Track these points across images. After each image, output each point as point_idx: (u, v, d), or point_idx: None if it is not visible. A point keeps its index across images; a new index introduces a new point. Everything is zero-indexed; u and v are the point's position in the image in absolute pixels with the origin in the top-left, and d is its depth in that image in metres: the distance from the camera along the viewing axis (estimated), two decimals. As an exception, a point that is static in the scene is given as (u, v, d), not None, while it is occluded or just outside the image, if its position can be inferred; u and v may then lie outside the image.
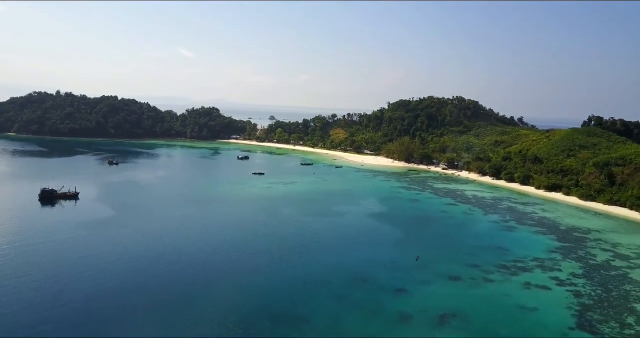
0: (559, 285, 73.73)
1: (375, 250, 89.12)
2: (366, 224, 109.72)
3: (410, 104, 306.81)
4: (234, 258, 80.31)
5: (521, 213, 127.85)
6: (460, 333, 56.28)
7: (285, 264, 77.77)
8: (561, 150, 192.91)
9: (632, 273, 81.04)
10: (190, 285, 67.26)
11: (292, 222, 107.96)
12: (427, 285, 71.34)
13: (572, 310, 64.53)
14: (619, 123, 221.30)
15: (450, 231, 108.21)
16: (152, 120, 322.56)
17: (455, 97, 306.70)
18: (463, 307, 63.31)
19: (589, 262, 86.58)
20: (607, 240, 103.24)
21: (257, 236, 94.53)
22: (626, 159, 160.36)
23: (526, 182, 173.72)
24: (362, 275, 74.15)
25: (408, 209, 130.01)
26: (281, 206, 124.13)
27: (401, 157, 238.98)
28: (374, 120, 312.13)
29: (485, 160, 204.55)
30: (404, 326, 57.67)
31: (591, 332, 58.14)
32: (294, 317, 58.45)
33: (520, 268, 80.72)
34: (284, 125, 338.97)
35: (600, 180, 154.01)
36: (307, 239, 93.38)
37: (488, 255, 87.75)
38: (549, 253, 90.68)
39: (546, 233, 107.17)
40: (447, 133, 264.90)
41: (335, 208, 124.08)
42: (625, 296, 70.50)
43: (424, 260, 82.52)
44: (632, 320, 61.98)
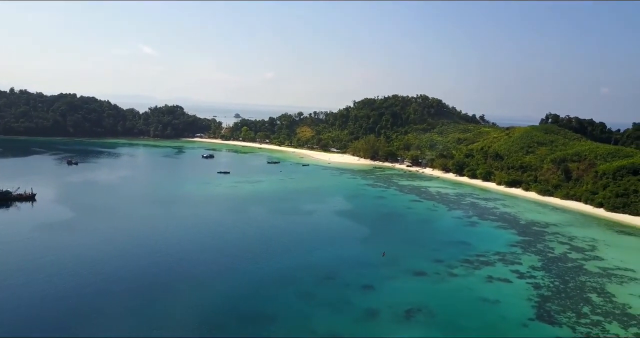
0: (520, 278, 76.13)
1: (342, 247, 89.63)
2: (333, 222, 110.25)
3: (375, 103, 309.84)
4: (199, 258, 79.05)
5: (483, 209, 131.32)
6: (426, 327, 57.33)
7: (251, 264, 77.18)
8: (521, 147, 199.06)
9: (587, 265, 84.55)
10: (152, 287, 65.73)
11: (258, 221, 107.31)
12: (393, 281, 72.28)
13: (532, 301, 66.75)
14: (574, 121, 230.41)
15: (415, 227, 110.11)
16: (113, 119, 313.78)
17: (419, 96, 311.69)
18: (428, 302, 64.49)
19: (547, 255, 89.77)
20: (564, 233, 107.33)
21: (223, 236, 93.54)
22: (581, 155, 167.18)
23: (488, 179, 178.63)
24: (329, 273, 74.43)
25: (374, 206, 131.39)
26: (247, 205, 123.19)
27: (367, 155, 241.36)
28: (340, 118, 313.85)
29: (448, 157, 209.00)
30: (371, 322, 58.26)
31: (550, 322, 60.31)
32: (261, 317, 58.08)
33: (482, 263, 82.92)
34: (250, 123, 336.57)
35: (557, 175, 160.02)
36: (274, 238, 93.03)
37: (452, 250, 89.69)
38: (510, 247, 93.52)
39: (507, 228, 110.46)
40: (412, 131, 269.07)
41: (302, 206, 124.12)
42: (581, 287, 73.47)
43: (390, 257, 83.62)
44: (587, 309, 64.66)
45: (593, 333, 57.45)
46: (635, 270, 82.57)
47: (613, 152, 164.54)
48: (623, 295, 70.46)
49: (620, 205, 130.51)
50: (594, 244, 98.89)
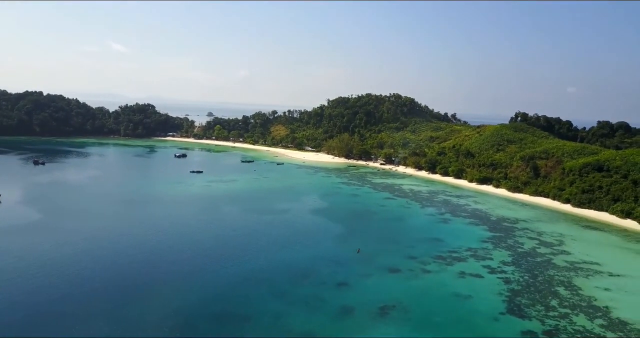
0: (491, 273, 77.76)
1: (317, 245, 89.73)
2: (308, 220, 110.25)
3: (349, 101, 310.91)
4: (172, 259, 77.88)
5: (455, 206, 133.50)
6: (400, 324, 57.97)
7: (225, 263, 76.53)
8: (491, 145, 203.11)
9: (555, 259, 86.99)
10: (122, 289, 64.43)
11: (232, 220, 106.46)
12: (367, 278, 72.81)
13: (502, 296, 68.29)
14: (542, 119, 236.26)
15: (389, 224, 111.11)
16: (82, 118, 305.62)
17: (392, 95, 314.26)
18: (402, 298, 65.22)
19: (517, 250, 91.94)
20: (533, 229, 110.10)
21: (196, 236, 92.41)
22: (549, 152, 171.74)
23: (460, 176, 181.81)
24: (304, 271, 74.47)
25: (348, 204, 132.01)
26: (221, 205, 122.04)
27: (341, 153, 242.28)
28: (314, 117, 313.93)
29: (421, 155, 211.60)
30: (346, 319, 58.54)
31: (520, 315, 61.83)
32: (235, 317, 57.68)
33: (455, 259, 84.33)
34: (223, 122, 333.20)
35: (526, 172, 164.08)
36: (248, 237, 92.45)
37: (425, 247, 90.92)
38: (482, 243, 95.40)
39: (479, 224, 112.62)
40: (385, 129, 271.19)
41: (277, 205, 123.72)
42: (550, 281, 75.55)
43: (364, 254, 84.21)
44: (555, 302, 66.56)
45: (561, 325, 59.16)
46: (600, 263, 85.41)
47: (579, 150, 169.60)
48: (589, 288, 72.79)
49: (585, 200, 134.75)
50: (561, 239, 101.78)
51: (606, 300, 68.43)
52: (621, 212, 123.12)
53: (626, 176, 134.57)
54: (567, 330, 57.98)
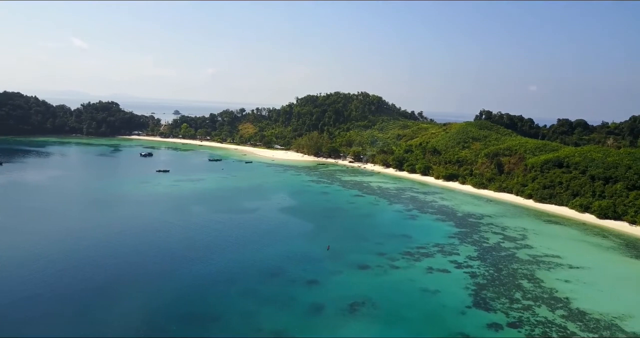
0: (457, 268, 79.42)
1: (286, 243, 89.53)
2: (278, 219, 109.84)
3: (318, 100, 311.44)
4: (137, 261, 76.22)
5: (423, 202, 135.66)
6: (370, 319, 58.51)
7: (193, 264, 75.44)
8: (457, 142, 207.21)
9: (518, 253, 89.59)
10: (86, 292, 62.52)
11: (200, 220, 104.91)
12: (337, 275, 73.17)
13: (469, 290, 69.86)
14: (506, 117, 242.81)
15: (358, 221, 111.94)
16: (41, 116, 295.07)
17: (360, 93, 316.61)
18: (372, 294, 65.85)
19: (482, 245, 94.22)
20: (498, 224, 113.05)
21: (164, 236, 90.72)
22: (512, 149, 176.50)
23: (426, 173, 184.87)
24: (273, 270, 74.21)
25: (318, 202, 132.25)
26: (189, 204, 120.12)
27: (310, 151, 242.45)
28: (283, 115, 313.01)
29: (389, 153, 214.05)
30: (316, 317, 58.69)
31: (485, 308, 63.43)
32: (204, 317, 56.97)
33: (423, 254, 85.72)
34: (190, 120, 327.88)
35: (490, 169, 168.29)
36: (216, 237, 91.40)
37: (394, 243, 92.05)
38: (448, 239, 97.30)
39: (445, 220, 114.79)
40: (353, 127, 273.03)
41: (246, 204, 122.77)
42: (513, 274, 77.76)
43: (334, 251, 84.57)
44: (519, 295, 68.58)
45: (524, 317, 61.00)
46: (561, 256, 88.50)
47: (540, 146, 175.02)
48: (550, 280, 75.33)
49: (547, 196, 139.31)
50: (524, 233, 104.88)
51: (566, 291, 70.99)
52: (580, 207, 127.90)
53: (584, 172, 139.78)
54: (530, 322, 59.85)
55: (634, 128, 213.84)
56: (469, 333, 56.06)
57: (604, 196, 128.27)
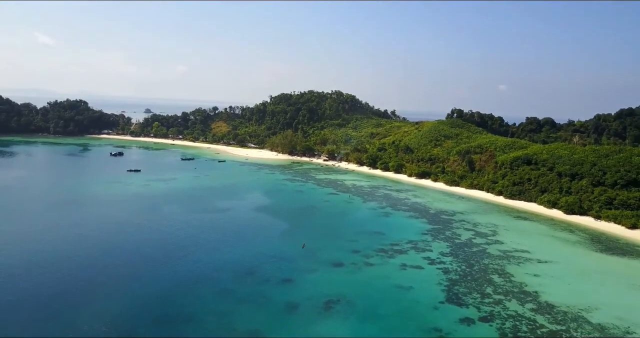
0: (431, 264, 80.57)
1: (261, 243, 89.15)
2: (252, 218, 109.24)
3: (292, 98, 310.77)
4: (109, 262, 74.55)
5: (396, 200, 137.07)
6: (344, 317, 58.79)
7: (166, 264, 74.32)
8: (429, 140, 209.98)
9: (489, 249, 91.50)
10: (57, 296, 60.94)
11: (173, 220, 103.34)
12: (312, 274, 73.27)
13: (442, 285, 70.97)
14: (477, 115, 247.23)
15: (333, 219, 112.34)
16: (5, 114, 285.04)
17: (334, 92, 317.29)
18: (346, 292, 66.18)
19: (454, 241, 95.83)
20: (469, 220, 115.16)
21: (135, 237, 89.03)
22: (483, 147, 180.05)
23: (399, 171, 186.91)
24: (248, 269, 73.78)
25: (293, 200, 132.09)
26: (161, 204, 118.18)
27: (285, 150, 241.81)
28: (257, 113, 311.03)
29: (362, 151, 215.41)
30: (291, 315, 58.65)
31: (458, 304, 64.56)
32: (177, 318, 56.21)
33: (396, 251, 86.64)
34: (162, 118, 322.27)
35: (462, 167, 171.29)
36: (190, 237, 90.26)
37: (368, 241, 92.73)
38: (422, 236, 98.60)
39: (418, 217, 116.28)
40: (328, 126, 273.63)
41: (220, 203, 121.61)
42: (485, 269, 79.39)
43: (309, 249, 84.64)
44: (490, 290, 70.06)
45: (495, 311, 62.36)
46: (530, 251, 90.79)
47: (510, 144, 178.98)
48: (520, 275, 77.21)
49: (516, 192, 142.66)
50: (495, 229, 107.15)
51: (535, 285, 72.88)
52: (548, 203, 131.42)
53: (552, 169, 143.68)
54: (501, 315, 61.21)
55: (598, 126, 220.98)
56: (442, 328, 56.96)
57: (571, 192, 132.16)
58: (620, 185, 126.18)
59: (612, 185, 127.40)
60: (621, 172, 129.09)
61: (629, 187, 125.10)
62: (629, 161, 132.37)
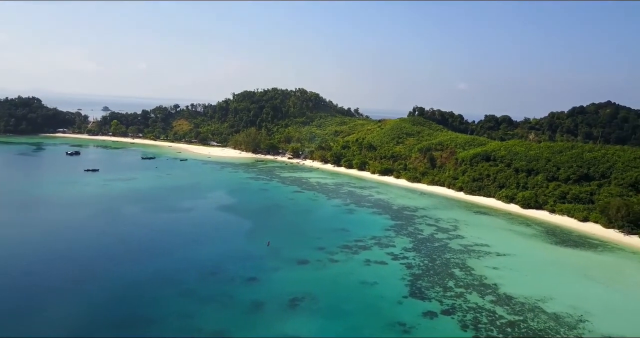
0: (394, 259, 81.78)
1: (225, 242, 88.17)
2: (215, 217, 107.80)
3: (255, 95, 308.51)
4: (67, 265, 71.98)
5: (360, 197, 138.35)
6: (310, 314, 58.92)
7: (126, 266, 72.37)
8: (392, 138, 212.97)
9: (450, 243, 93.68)
10: (12, 300, 58.48)
11: (133, 220, 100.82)
12: (277, 272, 73.04)
13: (405, 280, 72.17)
14: (437, 113, 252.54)
15: (297, 217, 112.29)
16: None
17: (298, 89, 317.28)
18: (312, 289, 66.33)
19: (417, 237, 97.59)
20: (431, 216, 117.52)
21: (95, 239, 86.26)
22: (444, 144, 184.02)
23: (363, 168, 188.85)
24: (212, 269, 72.81)
25: (257, 199, 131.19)
26: (121, 205, 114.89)
27: (248, 148, 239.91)
28: (219, 111, 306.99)
29: (327, 149, 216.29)
30: (257, 314, 58.29)
31: (421, 298, 65.82)
32: (140, 320, 54.90)
33: (361, 247, 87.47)
34: (121, 116, 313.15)
35: (424, 163, 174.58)
36: (152, 238, 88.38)
37: (332, 237, 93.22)
38: (385, 231, 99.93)
39: (382, 213, 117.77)
40: (292, 124, 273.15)
41: (182, 203, 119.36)
42: (447, 263, 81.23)
43: (273, 248, 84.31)
44: (452, 283, 71.76)
45: (457, 304, 63.92)
46: (489, 245, 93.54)
47: (470, 141, 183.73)
48: (480, 268, 79.44)
49: (476, 188, 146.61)
50: (456, 224, 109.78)
51: (495, 277, 75.18)
52: (506, 198, 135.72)
53: (509, 165, 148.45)
54: (463, 308, 62.82)
55: (552, 123, 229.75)
56: (406, 322, 57.93)
57: (527, 187, 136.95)
58: (573, 180, 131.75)
59: (566, 180, 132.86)
60: (573, 167, 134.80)
61: (580, 181, 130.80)
62: (580, 157, 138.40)
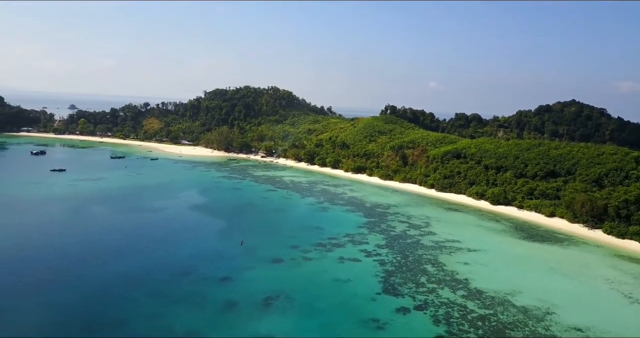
0: (367, 256, 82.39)
1: (198, 242, 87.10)
2: (187, 217, 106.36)
3: (227, 93, 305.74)
4: (33, 268, 69.71)
5: (333, 195, 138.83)
6: (284, 313, 58.79)
7: (95, 268, 70.64)
8: (364, 136, 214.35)
9: (423, 240, 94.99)
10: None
11: (103, 221, 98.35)
12: (251, 271, 72.59)
13: (378, 277, 72.80)
14: (409, 111, 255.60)
15: (271, 216, 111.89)
16: None
17: (271, 88, 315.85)
18: (286, 288, 66.21)
19: (390, 234, 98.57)
20: (404, 213, 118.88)
21: (62, 240, 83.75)
22: (415, 142, 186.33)
23: (336, 166, 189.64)
24: (184, 269, 71.80)
25: (230, 198, 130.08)
26: (90, 205, 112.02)
27: (221, 146, 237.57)
28: (190, 109, 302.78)
29: (300, 147, 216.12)
30: (230, 314, 57.81)
31: (394, 294, 66.52)
32: (108, 323, 53.68)
33: (334, 245, 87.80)
34: (89, 115, 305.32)
35: (396, 161, 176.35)
36: (122, 239, 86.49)
37: (306, 236, 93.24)
38: (358, 229, 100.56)
39: (355, 211, 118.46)
40: (265, 122, 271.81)
41: (153, 203, 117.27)
42: (419, 260, 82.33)
43: (247, 247, 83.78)
44: (424, 279, 72.80)
45: (429, 299, 64.88)
46: (460, 241, 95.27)
47: (440, 139, 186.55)
48: (451, 264, 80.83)
49: (447, 185, 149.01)
50: (427, 221, 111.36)
51: (466, 273, 76.62)
52: (476, 194, 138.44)
53: (479, 162, 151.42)
54: (435, 303, 63.80)
55: (520, 121, 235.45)
56: (380, 318, 58.43)
57: (496, 184, 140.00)
58: (540, 177, 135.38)
59: (533, 177, 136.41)
60: (540, 164, 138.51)
61: (547, 178, 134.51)
62: (547, 154, 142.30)
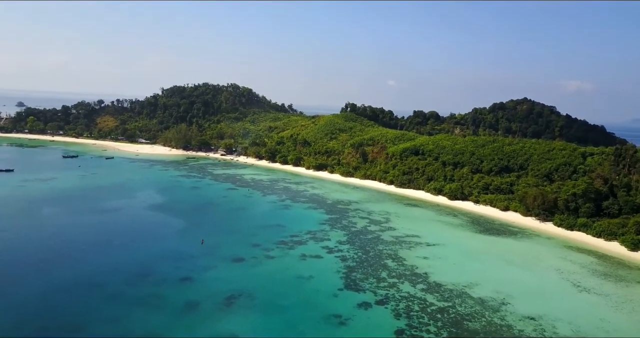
0: (329, 253, 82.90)
1: (156, 242, 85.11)
2: (145, 217, 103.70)
3: (185, 91, 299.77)
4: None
5: (295, 192, 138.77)
6: (246, 311, 58.35)
7: (47, 271, 67.89)
8: (325, 133, 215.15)
9: (383, 235, 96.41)
10: None
11: (53, 223, 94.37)
12: (212, 270, 71.64)
13: (340, 273, 73.38)
14: (369, 109, 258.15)
15: (232, 215, 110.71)
16: None
17: (230, 85, 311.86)
18: (248, 286, 65.72)
19: (351, 230, 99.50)
20: (364, 209, 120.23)
21: (6, 245, 79.94)
22: (375, 139, 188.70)
23: (298, 164, 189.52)
24: (142, 270, 70.05)
25: (189, 197, 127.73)
26: (40, 207, 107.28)
27: (179, 145, 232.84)
28: (147, 107, 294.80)
29: (261, 145, 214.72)
30: (190, 314, 56.83)
31: (356, 289, 67.23)
32: (63, 328, 51.67)
33: (296, 242, 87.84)
34: (38, 112, 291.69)
35: (356, 158, 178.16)
36: (75, 241, 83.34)
37: (268, 234, 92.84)
38: (320, 226, 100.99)
39: (317, 208, 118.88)
40: (224, 120, 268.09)
41: (108, 203, 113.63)
42: (379, 255, 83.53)
43: (208, 246, 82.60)
44: (385, 274, 73.92)
45: (390, 294, 65.97)
46: (420, 235, 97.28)
47: (399, 136, 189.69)
48: (411, 258, 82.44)
49: (406, 181, 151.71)
50: (388, 217, 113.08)
51: (425, 267, 78.34)
52: (434, 190, 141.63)
53: (437, 158, 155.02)
54: (396, 297, 64.91)
55: (475, 118, 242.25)
56: (342, 314, 58.92)
57: (454, 180, 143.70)
58: (495, 172, 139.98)
59: (488, 172, 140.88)
60: (495, 160, 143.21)
61: (501, 173, 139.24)
62: (501, 150, 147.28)
